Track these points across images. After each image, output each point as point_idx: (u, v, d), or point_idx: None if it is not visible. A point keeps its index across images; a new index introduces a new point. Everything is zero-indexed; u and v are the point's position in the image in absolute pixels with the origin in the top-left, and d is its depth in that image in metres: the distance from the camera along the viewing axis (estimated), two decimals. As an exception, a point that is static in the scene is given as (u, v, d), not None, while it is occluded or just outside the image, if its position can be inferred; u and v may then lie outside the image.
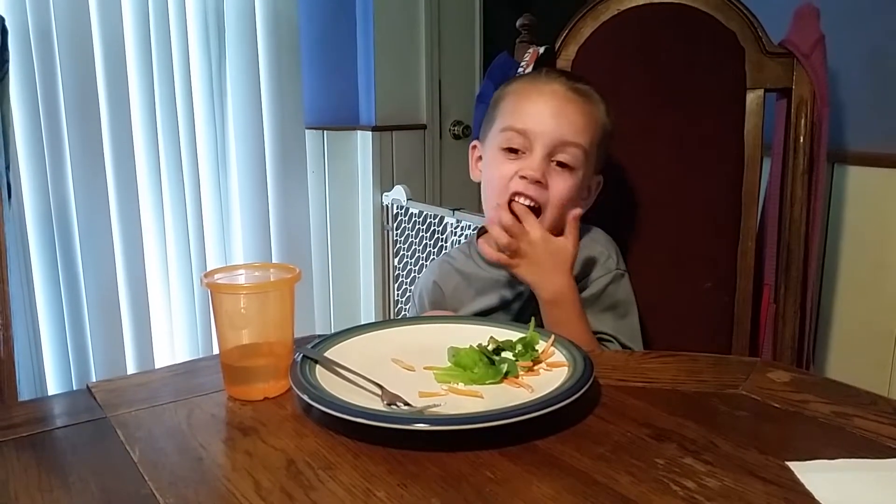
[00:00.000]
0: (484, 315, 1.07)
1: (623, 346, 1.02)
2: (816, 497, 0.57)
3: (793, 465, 0.62)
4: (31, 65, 1.77)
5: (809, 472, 0.61)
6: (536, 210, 1.00)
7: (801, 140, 1.26)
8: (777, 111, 1.30)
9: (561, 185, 0.99)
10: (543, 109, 1.00)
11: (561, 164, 0.99)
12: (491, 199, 1.04)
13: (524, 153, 1.00)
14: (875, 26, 1.54)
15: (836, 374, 1.66)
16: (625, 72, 1.29)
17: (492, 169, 1.04)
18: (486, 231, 1.08)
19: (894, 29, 1.52)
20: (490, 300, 1.07)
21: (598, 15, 1.29)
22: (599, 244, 1.07)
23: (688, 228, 1.27)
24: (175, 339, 2.11)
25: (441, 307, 1.11)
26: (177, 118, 2.00)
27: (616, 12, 1.28)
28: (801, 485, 0.59)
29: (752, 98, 1.25)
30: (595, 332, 1.00)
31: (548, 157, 0.99)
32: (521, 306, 1.06)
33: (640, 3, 1.27)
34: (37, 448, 0.68)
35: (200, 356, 2.05)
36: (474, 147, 1.10)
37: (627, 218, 1.23)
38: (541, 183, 0.98)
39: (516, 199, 1.00)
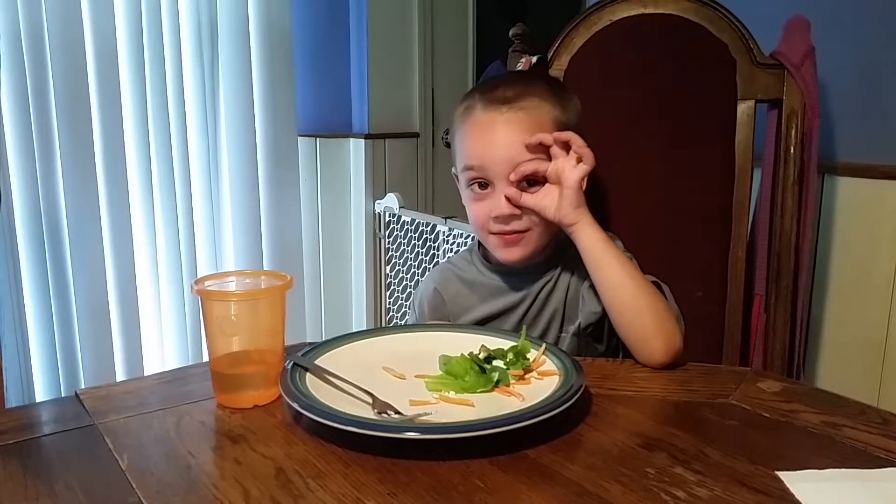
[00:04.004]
0: (486, 322, 1.07)
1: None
2: (806, 507, 0.57)
3: (783, 474, 0.62)
4: (23, 70, 1.76)
5: (799, 482, 0.61)
6: (525, 233, 1.00)
7: (792, 150, 1.27)
8: (768, 122, 1.31)
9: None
10: (487, 143, 0.98)
11: (530, 182, 0.99)
12: (477, 233, 1.06)
13: (490, 187, 1.00)
14: (865, 39, 1.55)
15: (825, 383, 1.66)
16: (616, 82, 1.30)
17: (468, 206, 1.05)
18: None
19: (884, 41, 1.53)
20: (493, 307, 1.07)
21: (590, 25, 1.29)
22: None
23: (678, 237, 1.27)
24: (165, 346, 2.10)
25: (441, 314, 1.11)
26: (169, 124, 2.00)
27: (608, 23, 1.28)
28: (791, 494, 0.59)
29: (743, 109, 1.26)
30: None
31: (514, 183, 0.98)
32: (523, 313, 1.06)
33: (633, 13, 1.28)
34: (23, 455, 0.68)
35: (190, 363, 2.04)
36: (456, 176, 1.10)
37: (617, 226, 1.23)
38: (515, 213, 0.98)
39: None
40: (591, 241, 0.96)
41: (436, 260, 2.12)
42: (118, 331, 1.97)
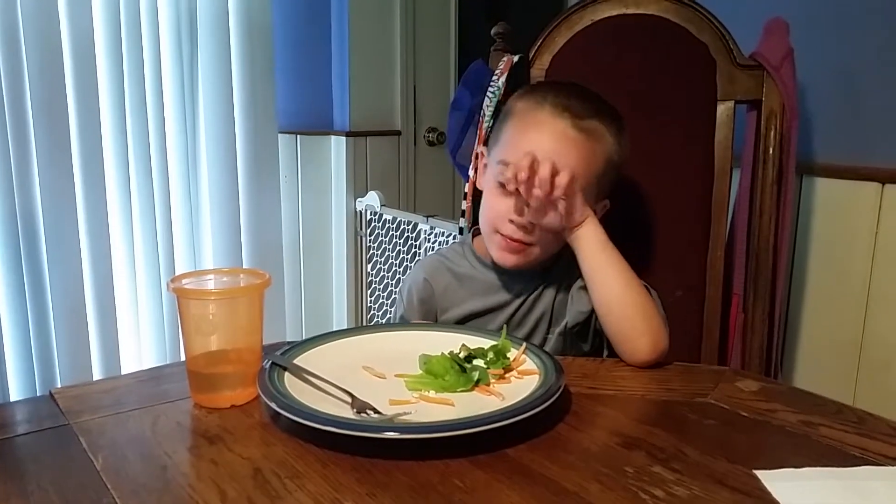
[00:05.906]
0: (474, 318, 1.06)
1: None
2: (783, 505, 0.58)
3: (760, 473, 0.63)
4: (-3, 64, 1.74)
5: (776, 481, 0.61)
6: (529, 246, 0.99)
7: (771, 151, 1.28)
8: (747, 123, 1.32)
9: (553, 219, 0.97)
10: (540, 149, 0.95)
11: None
12: (484, 225, 1.04)
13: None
14: (843, 41, 1.57)
15: (802, 382, 1.68)
16: (597, 82, 1.30)
17: (488, 198, 1.03)
18: (480, 233, 1.08)
19: (861, 44, 1.55)
20: (483, 303, 1.06)
21: (572, 25, 1.29)
22: None
23: (657, 237, 1.28)
24: (142, 344, 2.07)
25: (430, 305, 1.10)
26: (147, 120, 1.97)
27: (590, 22, 1.29)
28: (769, 493, 0.60)
29: (723, 109, 1.27)
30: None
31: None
32: (512, 312, 1.05)
33: (614, 13, 1.28)
34: (-5, 456, 0.67)
35: (167, 362, 2.02)
36: (482, 154, 1.08)
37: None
38: (528, 226, 0.97)
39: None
40: (594, 235, 0.96)
41: (417, 258, 2.11)
42: (94, 329, 1.94)
